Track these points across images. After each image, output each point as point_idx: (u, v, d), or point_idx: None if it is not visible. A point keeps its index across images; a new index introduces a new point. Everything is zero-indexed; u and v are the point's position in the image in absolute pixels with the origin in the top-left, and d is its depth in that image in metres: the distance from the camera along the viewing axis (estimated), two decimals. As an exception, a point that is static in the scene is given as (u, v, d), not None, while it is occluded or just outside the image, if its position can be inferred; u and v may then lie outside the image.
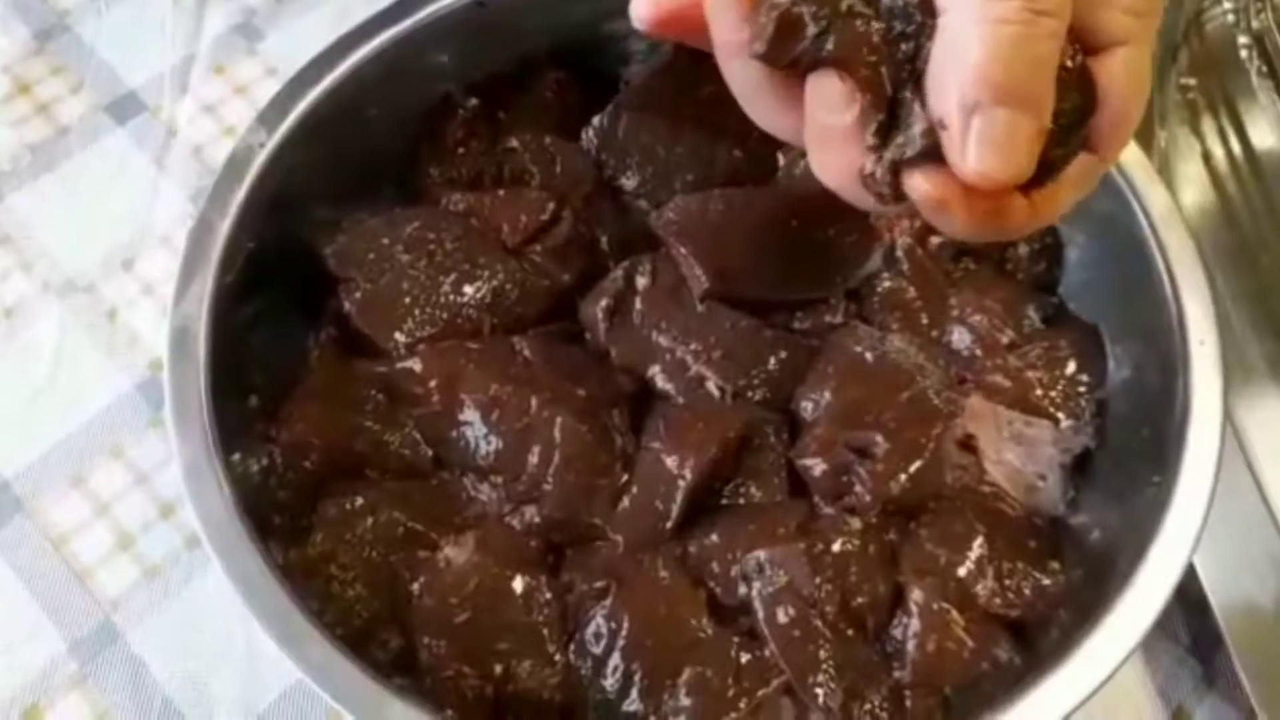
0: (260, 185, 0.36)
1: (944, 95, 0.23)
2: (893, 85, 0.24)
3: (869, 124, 0.24)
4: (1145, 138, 0.46)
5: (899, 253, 0.38)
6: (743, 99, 0.26)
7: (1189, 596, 0.37)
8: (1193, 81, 0.51)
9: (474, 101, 0.41)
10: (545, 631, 0.33)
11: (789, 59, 0.24)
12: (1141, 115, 0.26)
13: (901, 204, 0.25)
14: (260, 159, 0.36)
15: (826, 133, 0.25)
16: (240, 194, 0.35)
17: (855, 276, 0.38)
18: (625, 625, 0.32)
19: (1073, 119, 0.24)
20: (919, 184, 0.24)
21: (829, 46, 0.24)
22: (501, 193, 0.40)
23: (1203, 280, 0.34)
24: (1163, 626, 0.38)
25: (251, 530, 0.31)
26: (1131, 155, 0.36)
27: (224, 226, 0.35)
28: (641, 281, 0.37)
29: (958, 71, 0.23)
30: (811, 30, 0.24)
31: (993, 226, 0.25)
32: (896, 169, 0.24)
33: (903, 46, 0.24)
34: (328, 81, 0.38)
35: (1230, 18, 0.51)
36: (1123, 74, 0.25)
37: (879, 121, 0.24)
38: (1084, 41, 0.24)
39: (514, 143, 0.41)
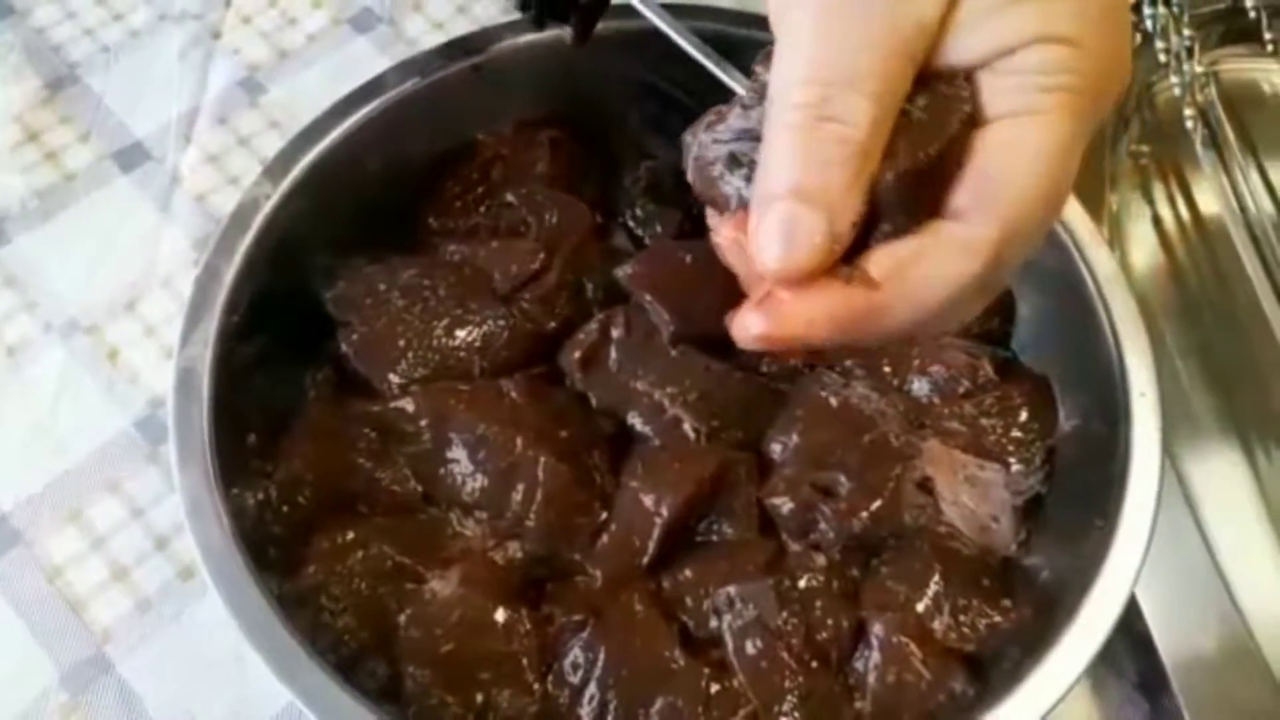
0: (264, 235, 0.38)
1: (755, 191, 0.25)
2: None
3: None
4: (1096, 201, 0.49)
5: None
6: None
7: (1136, 636, 0.39)
8: (1144, 149, 0.54)
9: (471, 158, 0.44)
10: (525, 662, 0.35)
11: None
12: (1052, 197, 0.24)
13: None
14: (265, 210, 0.38)
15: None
16: (245, 243, 0.37)
17: None
18: (602, 656, 0.34)
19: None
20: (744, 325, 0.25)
21: None
22: (495, 243, 0.42)
23: (1144, 336, 0.37)
24: (1111, 664, 0.40)
25: (248, 561, 0.33)
26: (1078, 219, 0.39)
27: (229, 274, 0.37)
28: (616, 331, 0.39)
29: (760, 171, 0.24)
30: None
31: (841, 326, 0.24)
32: None
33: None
34: (331, 138, 0.40)
35: (1177, 90, 0.54)
36: (996, 146, 0.24)
37: None
38: (1005, 104, 0.24)
39: (510, 197, 0.43)
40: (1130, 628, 0.38)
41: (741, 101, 0.27)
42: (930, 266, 0.24)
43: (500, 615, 0.35)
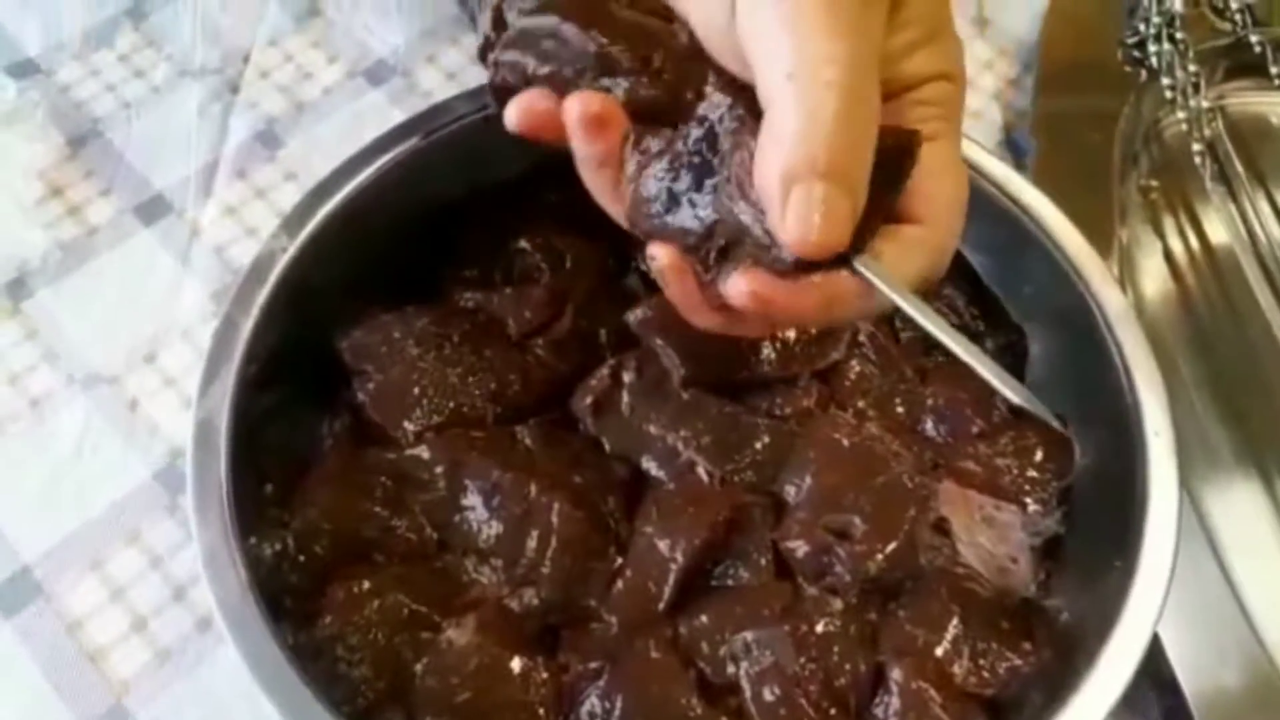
0: (281, 286, 0.38)
1: (766, 172, 0.26)
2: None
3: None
4: (1106, 236, 0.49)
5: (862, 338, 0.41)
6: (602, 204, 0.32)
7: (1159, 676, 0.39)
8: (1153, 183, 0.55)
9: (484, 206, 0.44)
10: (541, 711, 0.34)
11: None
12: (959, 197, 0.30)
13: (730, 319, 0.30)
14: (282, 262, 0.39)
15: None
16: (263, 295, 0.38)
17: (822, 359, 0.40)
18: (619, 704, 0.34)
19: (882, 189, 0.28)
20: (736, 284, 0.27)
21: None
22: (508, 290, 0.43)
23: (1157, 375, 0.37)
24: (1134, 706, 0.40)
25: (264, 612, 0.33)
26: (1087, 257, 0.39)
27: (246, 325, 0.37)
28: (628, 377, 0.40)
29: (780, 150, 0.25)
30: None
31: (829, 312, 0.28)
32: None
33: (717, 148, 0.28)
34: (346, 190, 0.41)
35: (1184, 125, 0.55)
36: (935, 160, 0.29)
37: (709, 250, 0.29)
38: None
39: (523, 243, 0.44)
40: (1152, 667, 0.37)
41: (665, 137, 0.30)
42: (907, 264, 0.29)
43: (516, 664, 0.35)
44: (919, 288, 0.29)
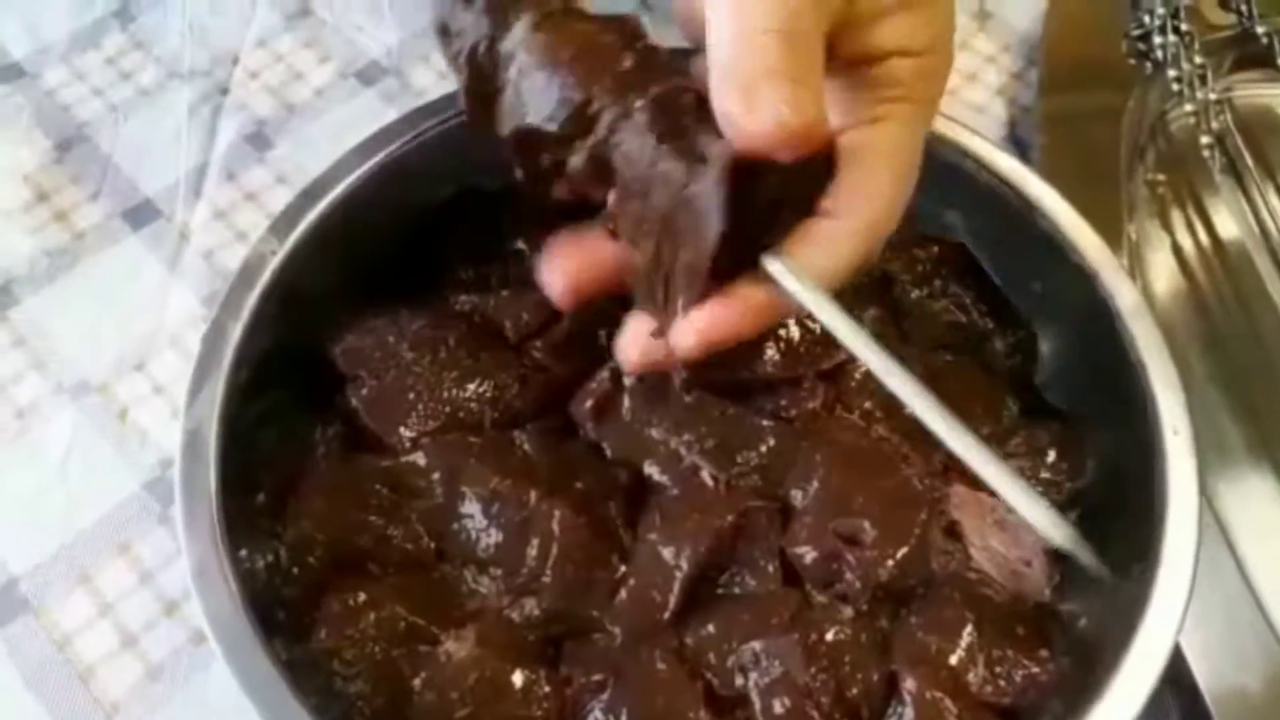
0: (272, 290, 0.37)
1: (723, 89, 0.25)
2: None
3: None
4: (1114, 232, 0.48)
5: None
6: None
7: (1179, 680, 0.38)
8: (1161, 177, 0.54)
9: (478, 206, 0.43)
10: (544, 725, 0.33)
11: None
12: (885, 188, 0.29)
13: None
14: (272, 266, 0.38)
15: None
16: (252, 299, 0.37)
17: (827, 360, 0.39)
18: (624, 718, 0.33)
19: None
20: (684, 337, 0.29)
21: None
22: (505, 292, 0.42)
23: (1173, 371, 0.36)
24: (1154, 712, 0.39)
25: (256, 627, 0.32)
26: (1098, 252, 0.38)
27: (236, 330, 0.36)
28: (628, 380, 0.39)
29: (717, 68, 0.25)
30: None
31: (762, 322, 0.29)
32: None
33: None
34: (336, 192, 0.40)
35: (1192, 119, 0.54)
36: (848, 154, 0.28)
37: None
38: (852, 115, 0.28)
39: (520, 244, 0.43)
40: (1171, 670, 0.36)
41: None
42: (822, 258, 0.28)
43: (518, 677, 0.34)
44: (840, 281, 0.28)
